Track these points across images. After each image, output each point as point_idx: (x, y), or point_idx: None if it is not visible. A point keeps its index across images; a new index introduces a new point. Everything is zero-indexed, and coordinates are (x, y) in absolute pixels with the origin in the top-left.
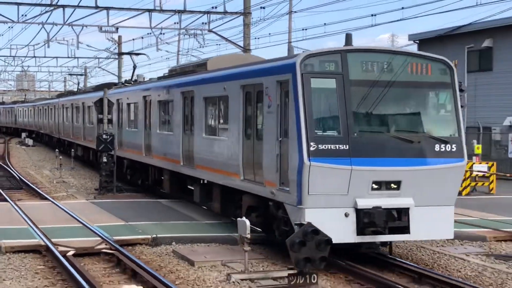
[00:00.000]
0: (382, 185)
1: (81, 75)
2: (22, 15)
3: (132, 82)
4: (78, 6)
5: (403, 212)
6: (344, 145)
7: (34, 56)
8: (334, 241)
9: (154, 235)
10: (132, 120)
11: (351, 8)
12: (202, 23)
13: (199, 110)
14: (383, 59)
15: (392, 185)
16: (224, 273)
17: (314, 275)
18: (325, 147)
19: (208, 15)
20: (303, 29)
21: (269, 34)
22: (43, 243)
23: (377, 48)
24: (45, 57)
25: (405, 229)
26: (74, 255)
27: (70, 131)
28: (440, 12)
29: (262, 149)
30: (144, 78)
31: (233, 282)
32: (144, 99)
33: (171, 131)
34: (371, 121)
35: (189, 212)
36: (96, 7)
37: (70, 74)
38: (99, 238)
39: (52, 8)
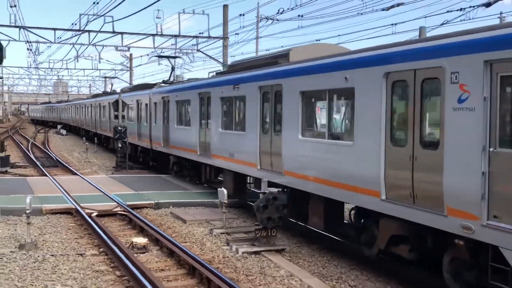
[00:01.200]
0: None
1: (113, 77)
2: (58, 37)
3: (174, 81)
4: (100, 31)
5: None
6: None
7: (67, 68)
8: None
9: (157, 201)
10: (183, 117)
11: (301, 35)
12: (192, 44)
13: (292, 107)
14: None
15: None
16: (208, 229)
17: (274, 229)
18: None
19: (197, 38)
20: (266, 50)
21: (242, 53)
22: (73, 207)
23: None
24: (75, 68)
25: None
26: (96, 215)
27: (107, 127)
28: (367, 39)
29: (442, 161)
30: (182, 78)
31: (215, 235)
32: (199, 96)
33: (242, 130)
34: None
35: (183, 184)
36: (113, 32)
37: (105, 77)
38: (115, 203)
39: (80, 32)
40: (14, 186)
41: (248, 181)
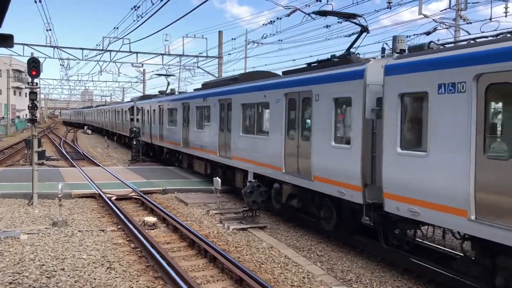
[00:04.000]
0: None
1: (170, 75)
2: (85, 55)
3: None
4: (119, 51)
5: None
6: None
7: (92, 80)
8: None
9: (164, 187)
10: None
11: (280, 55)
12: (194, 62)
13: None
14: None
15: None
16: (205, 210)
17: (258, 210)
18: None
19: (197, 57)
20: (253, 67)
21: (233, 69)
22: (97, 192)
23: None
24: (98, 81)
25: None
26: (115, 199)
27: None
28: None
29: None
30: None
31: (210, 215)
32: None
33: None
34: None
35: (185, 174)
36: (130, 51)
37: (159, 75)
38: (130, 189)
39: (103, 51)
40: (49, 175)
41: None
